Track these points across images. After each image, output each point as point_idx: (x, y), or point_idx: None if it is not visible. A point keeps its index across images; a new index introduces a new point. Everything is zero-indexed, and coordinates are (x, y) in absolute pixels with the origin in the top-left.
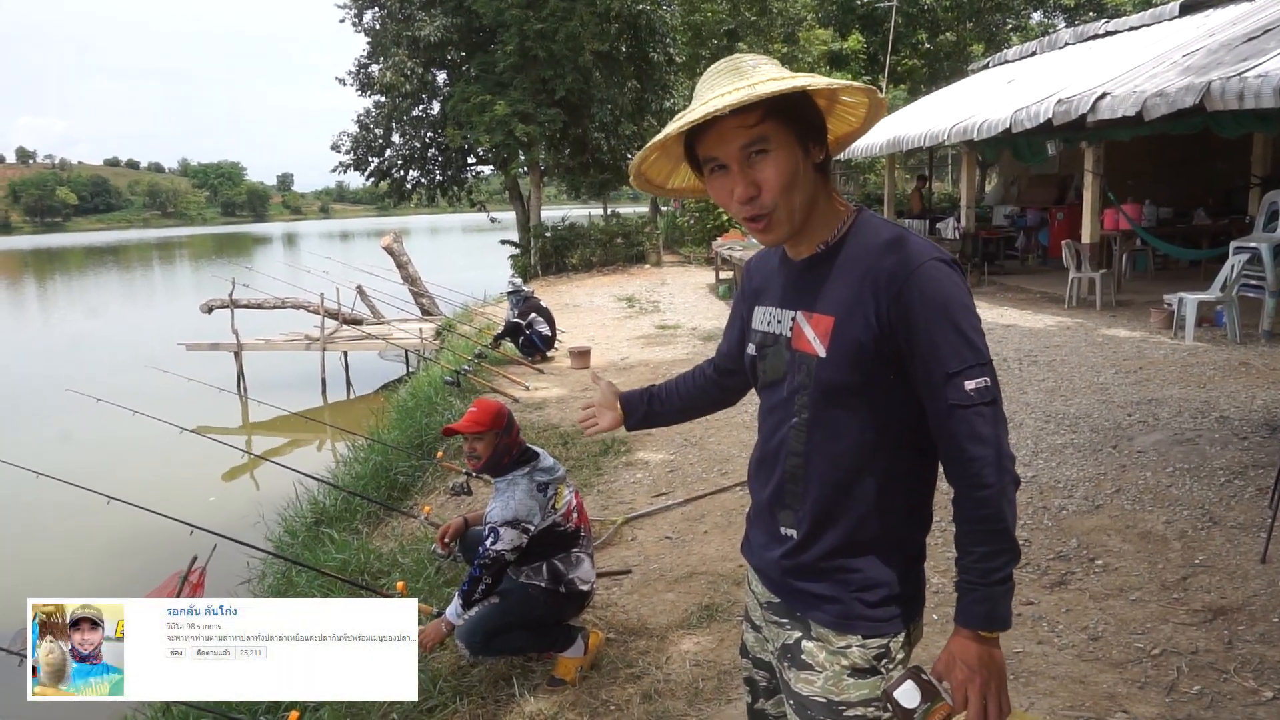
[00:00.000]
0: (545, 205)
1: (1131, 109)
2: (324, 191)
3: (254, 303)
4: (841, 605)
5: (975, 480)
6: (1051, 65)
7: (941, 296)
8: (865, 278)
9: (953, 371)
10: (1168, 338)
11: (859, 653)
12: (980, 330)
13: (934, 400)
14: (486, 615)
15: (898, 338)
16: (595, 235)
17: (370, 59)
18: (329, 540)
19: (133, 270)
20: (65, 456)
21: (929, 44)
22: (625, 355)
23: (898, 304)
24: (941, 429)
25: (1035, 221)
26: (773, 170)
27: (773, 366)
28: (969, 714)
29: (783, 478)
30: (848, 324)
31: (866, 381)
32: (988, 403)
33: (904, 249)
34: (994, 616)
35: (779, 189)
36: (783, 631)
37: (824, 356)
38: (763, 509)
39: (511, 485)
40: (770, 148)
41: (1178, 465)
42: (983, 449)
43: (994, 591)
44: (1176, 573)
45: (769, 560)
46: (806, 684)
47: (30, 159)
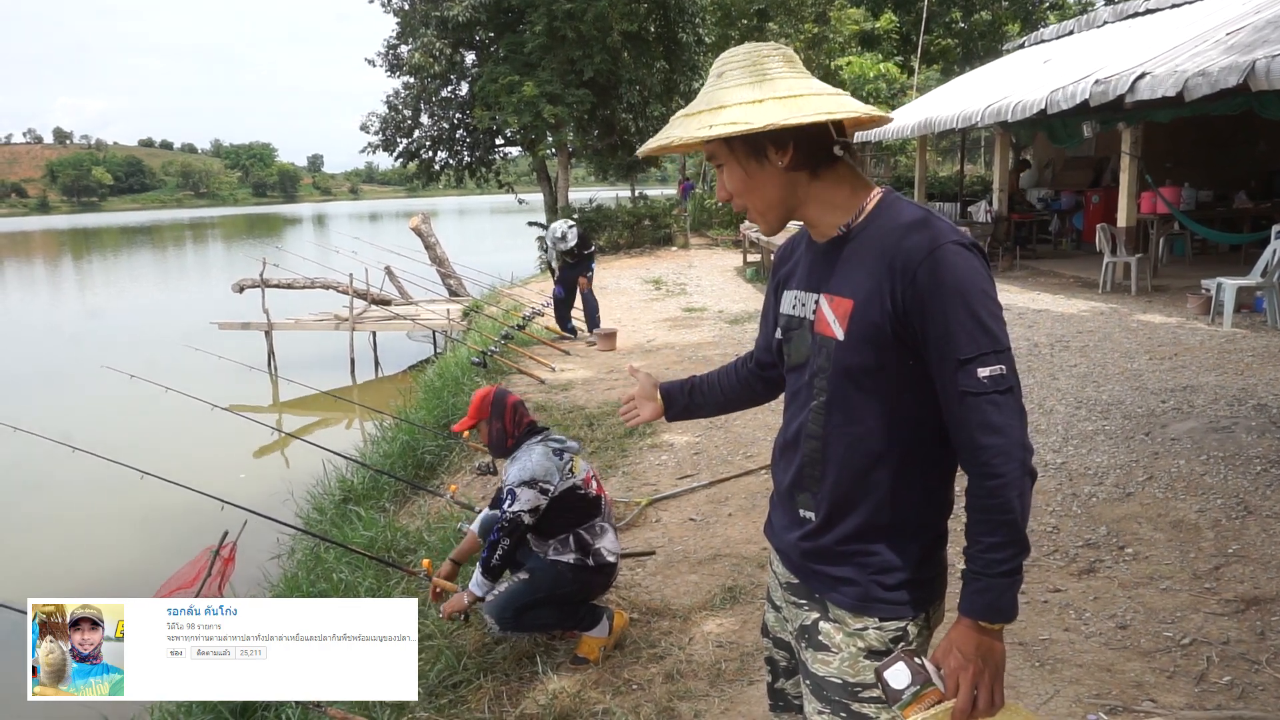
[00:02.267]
0: (573, 187)
1: (1172, 89)
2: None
3: (284, 283)
4: (859, 587)
5: (985, 470)
6: (1089, 44)
7: (957, 280)
8: (883, 260)
9: (965, 358)
10: (1205, 324)
11: (875, 635)
12: (999, 316)
13: (946, 386)
14: (517, 591)
15: (912, 322)
16: (622, 217)
17: (399, 40)
18: (356, 518)
19: (166, 250)
20: (101, 432)
21: (963, 23)
22: (652, 337)
23: (913, 287)
24: (953, 416)
25: (1070, 205)
26: (728, 179)
27: (797, 350)
28: (956, 703)
29: (802, 460)
30: (865, 307)
31: (884, 365)
32: (1002, 391)
33: (922, 231)
34: (995, 608)
35: (737, 194)
36: (801, 612)
37: (842, 339)
38: (783, 491)
39: (527, 450)
40: (721, 162)
41: (1212, 453)
42: (995, 438)
43: (997, 583)
44: (1209, 562)
45: (789, 542)
46: (823, 664)
47: (67, 139)
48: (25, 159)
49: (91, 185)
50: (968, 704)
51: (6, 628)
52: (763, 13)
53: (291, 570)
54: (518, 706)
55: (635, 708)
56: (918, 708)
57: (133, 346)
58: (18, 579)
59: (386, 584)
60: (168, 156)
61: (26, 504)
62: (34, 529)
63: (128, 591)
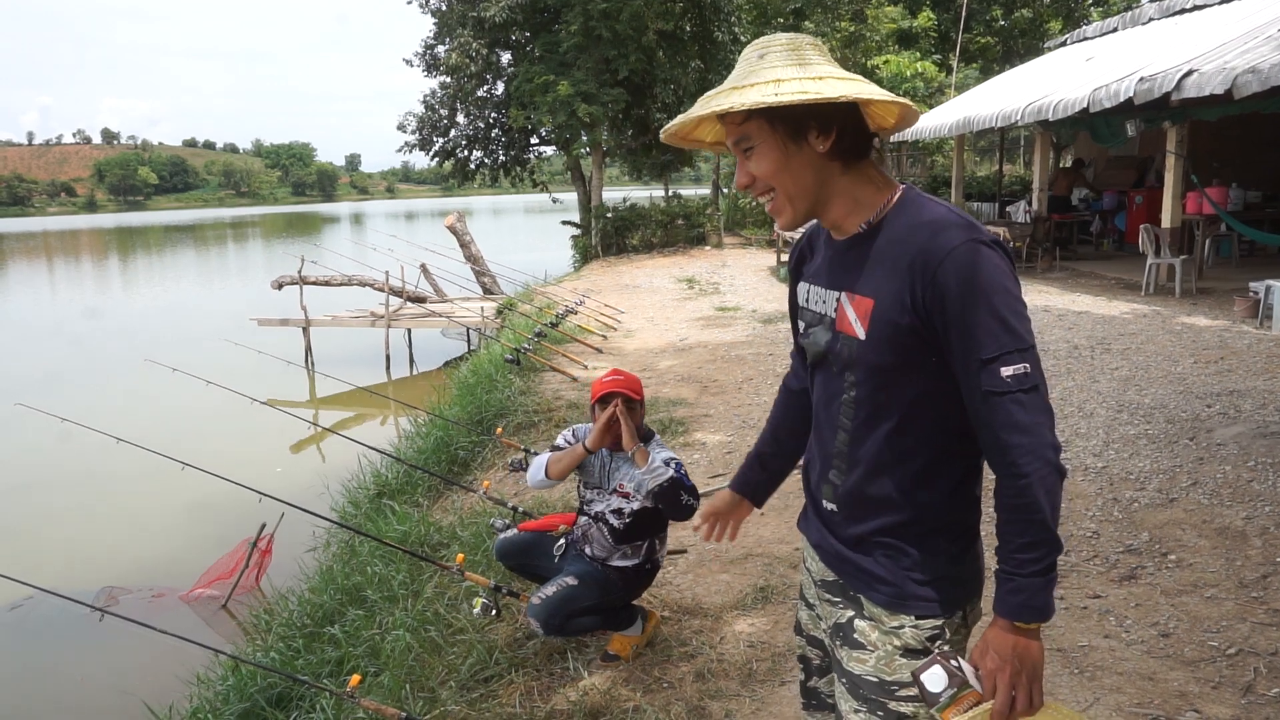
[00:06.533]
0: (607, 186)
1: (1220, 87)
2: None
3: (322, 280)
4: (894, 586)
5: (1013, 469)
6: (1134, 41)
7: (978, 279)
8: (904, 258)
9: (988, 357)
10: (1252, 327)
11: (911, 633)
12: (1021, 314)
13: (969, 387)
14: (566, 597)
15: (934, 321)
16: (656, 216)
17: (436, 40)
18: (390, 512)
19: (208, 247)
20: (144, 424)
21: (1003, 20)
22: (684, 336)
23: (933, 287)
24: (978, 416)
25: (1112, 205)
26: (757, 163)
27: (818, 344)
28: (995, 704)
29: (830, 454)
30: (886, 306)
31: (907, 363)
32: (1026, 390)
33: (942, 229)
34: (1029, 607)
35: (768, 175)
36: (836, 610)
37: (863, 339)
38: (817, 481)
39: (660, 445)
40: (754, 144)
41: (1260, 459)
42: (1020, 437)
43: (1030, 582)
44: (1256, 570)
45: (823, 536)
46: (858, 663)
47: (114, 140)
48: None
49: (137, 184)
50: (1006, 705)
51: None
52: (799, 11)
53: (327, 563)
54: (548, 702)
55: (666, 706)
56: (955, 710)
57: (174, 342)
58: (60, 568)
59: (420, 578)
60: (210, 156)
61: (70, 494)
62: (77, 519)
63: (167, 581)
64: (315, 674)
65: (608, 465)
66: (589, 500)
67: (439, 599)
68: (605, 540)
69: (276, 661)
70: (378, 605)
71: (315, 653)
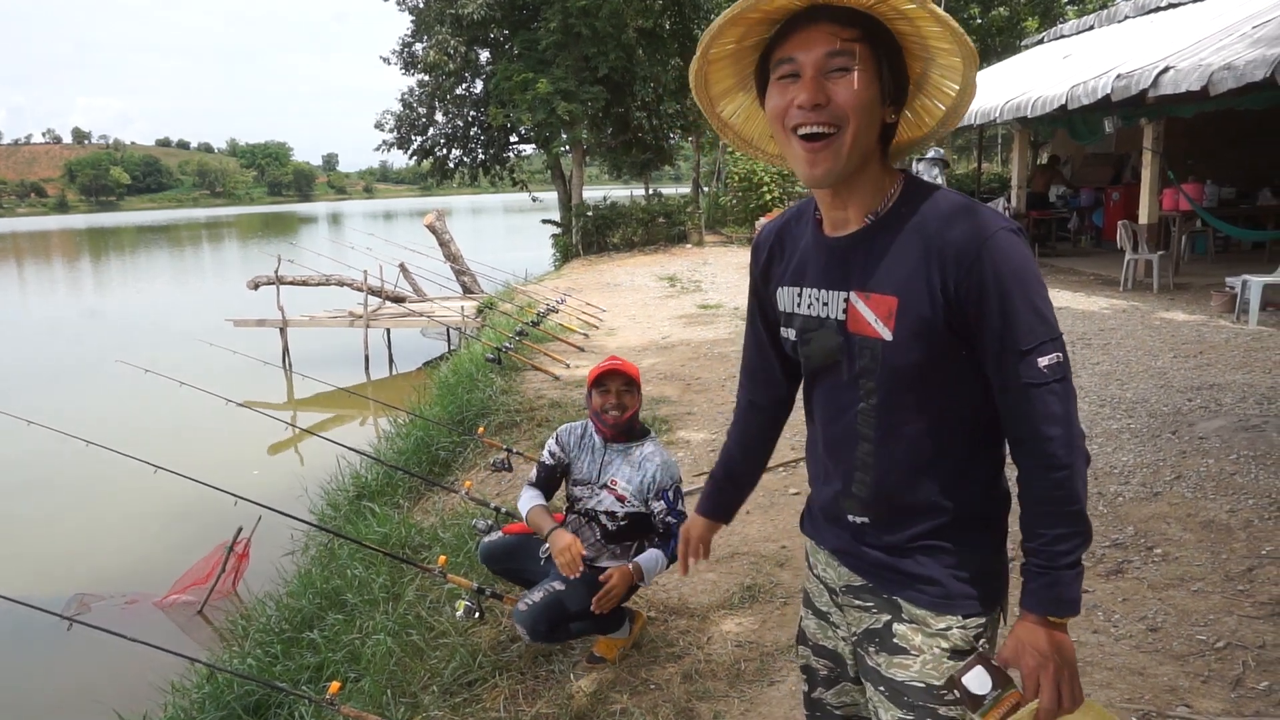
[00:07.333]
0: (587, 185)
1: (1197, 83)
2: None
3: (299, 280)
4: (940, 586)
5: (1049, 461)
6: (1110, 39)
7: (1014, 268)
8: (929, 251)
9: (1027, 349)
10: (1229, 322)
11: (959, 634)
12: (1050, 301)
13: (1006, 378)
14: (553, 604)
15: (968, 313)
16: (637, 214)
17: (414, 37)
18: (370, 514)
19: (182, 248)
20: (115, 427)
21: (980, 19)
22: (666, 334)
23: (969, 277)
24: (1013, 409)
25: (1089, 202)
26: (849, 89)
27: (822, 350)
28: (1042, 702)
29: (851, 467)
30: (912, 303)
31: (939, 360)
32: (1060, 379)
33: (971, 219)
34: (1064, 601)
35: (847, 108)
36: (867, 615)
37: (890, 339)
38: (831, 496)
39: (658, 446)
40: (854, 66)
41: (1242, 452)
42: (1057, 428)
43: (1063, 575)
44: (1241, 563)
45: (849, 543)
46: (901, 669)
47: (86, 139)
48: (44, 159)
49: (109, 185)
50: (1054, 702)
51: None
52: None
53: (305, 567)
54: (533, 706)
55: (653, 708)
56: (999, 711)
57: (147, 343)
58: (30, 575)
59: (401, 581)
60: (184, 156)
61: (38, 499)
62: (46, 525)
63: (141, 586)
64: (294, 680)
65: (600, 458)
66: (577, 497)
67: (421, 602)
68: (595, 539)
69: (254, 668)
70: (358, 609)
71: (294, 658)
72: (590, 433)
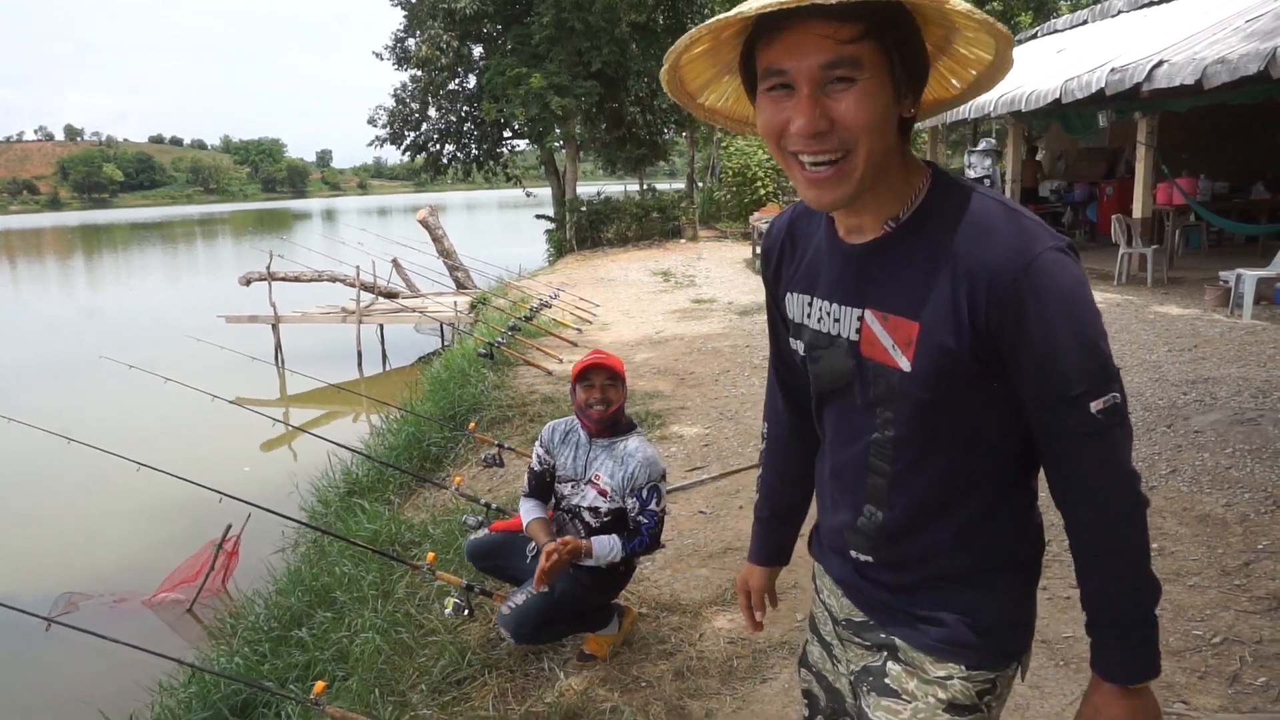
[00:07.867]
0: (581, 180)
1: (1190, 77)
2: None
3: (291, 276)
4: (944, 628)
5: (1107, 510)
6: (1104, 33)
7: (1062, 298)
8: (957, 270)
9: (1076, 394)
10: (1224, 315)
11: (960, 686)
12: (1104, 333)
13: (1050, 424)
14: (538, 608)
15: (1001, 346)
16: (631, 210)
17: (406, 33)
18: (361, 511)
19: (175, 245)
20: (102, 425)
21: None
22: (660, 329)
23: (1003, 307)
24: (1061, 458)
25: (1083, 196)
26: (855, 105)
27: (831, 371)
28: None
29: (860, 500)
30: (935, 329)
31: (964, 394)
32: (1117, 424)
33: (1010, 234)
34: (1148, 665)
35: (856, 128)
36: (866, 653)
37: (909, 370)
38: (841, 528)
39: (643, 441)
40: (859, 76)
41: (1238, 446)
42: (1112, 474)
43: (1144, 634)
44: (1238, 558)
45: (852, 577)
46: (889, 713)
47: (78, 136)
48: (37, 156)
49: (102, 182)
50: None
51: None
52: None
53: (295, 564)
54: (523, 704)
55: (644, 706)
56: None
57: (138, 341)
58: (16, 575)
59: (390, 578)
60: (178, 153)
61: (23, 498)
62: (32, 524)
63: (130, 585)
64: (281, 680)
65: (584, 455)
66: (563, 495)
67: (410, 599)
68: (579, 536)
69: (241, 667)
70: (347, 607)
71: (282, 657)
72: (575, 428)
